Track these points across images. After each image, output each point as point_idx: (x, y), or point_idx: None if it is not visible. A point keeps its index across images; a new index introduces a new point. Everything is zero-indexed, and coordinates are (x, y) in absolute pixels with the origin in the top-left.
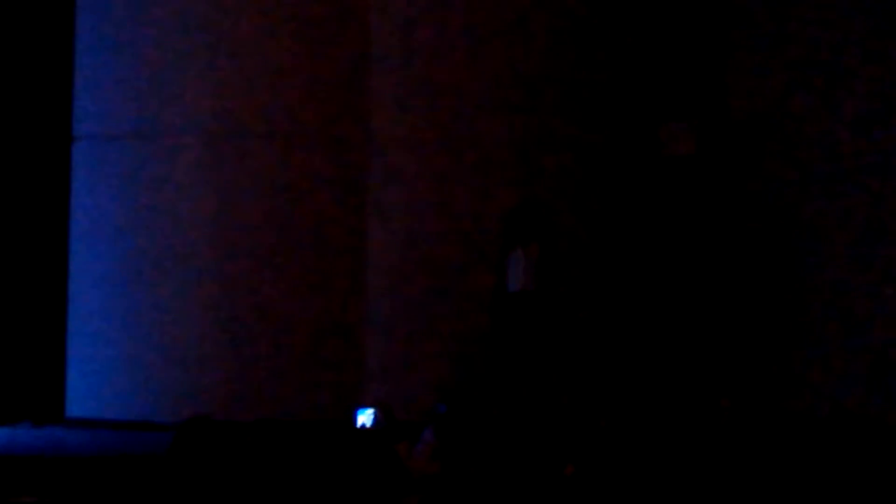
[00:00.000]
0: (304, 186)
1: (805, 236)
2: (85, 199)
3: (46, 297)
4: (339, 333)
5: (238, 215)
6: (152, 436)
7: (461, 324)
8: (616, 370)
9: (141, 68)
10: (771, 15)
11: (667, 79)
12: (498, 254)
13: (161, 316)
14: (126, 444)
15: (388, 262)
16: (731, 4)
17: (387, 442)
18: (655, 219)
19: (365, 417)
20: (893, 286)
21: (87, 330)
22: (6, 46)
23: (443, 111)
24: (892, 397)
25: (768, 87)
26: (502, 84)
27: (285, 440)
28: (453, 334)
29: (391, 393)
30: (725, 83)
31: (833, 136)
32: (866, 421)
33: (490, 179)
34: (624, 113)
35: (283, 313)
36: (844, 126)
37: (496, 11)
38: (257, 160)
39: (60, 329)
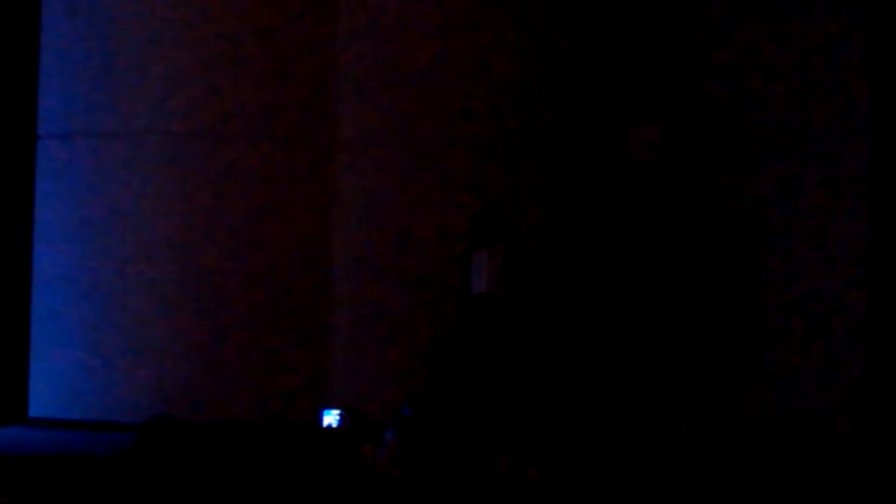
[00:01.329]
0: (269, 185)
1: (769, 242)
2: (49, 198)
3: (9, 296)
4: (305, 334)
5: (202, 215)
6: (116, 436)
7: (427, 325)
8: (580, 372)
9: (105, 67)
10: (741, 17)
11: (634, 81)
12: (462, 256)
13: (125, 316)
14: (89, 445)
15: (353, 263)
16: (700, 6)
17: (352, 443)
18: (621, 222)
19: (331, 418)
20: (856, 291)
21: (50, 330)
22: None
23: (409, 111)
24: (850, 402)
25: (737, 90)
26: (469, 85)
27: (249, 441)
28: (419, 336)
29: (357, 394)
30: (694, 86)
31: (800, 141)
32: (824, 426)
33: (456, 180)
34: (591, 115)
35: (248, 313)
36: (813, 132)
37: (463, 12)
38: (222, 159)
39: (23, 329)
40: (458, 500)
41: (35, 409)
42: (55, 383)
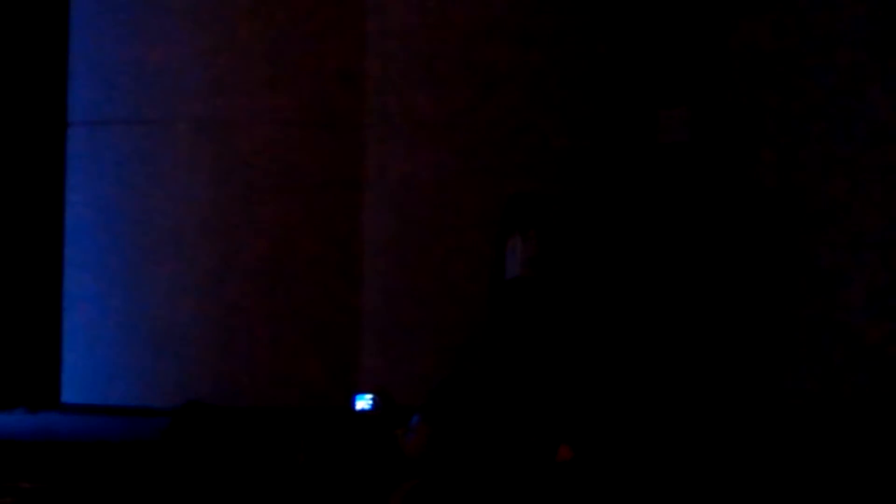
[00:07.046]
0: (300, 171)
1: (799, 223)
2: (79, 185)
3: (41, 283)
4: (336, 319)
5: (233, 201)
6: (148, 421)
7: (458, 309)
8: (612, 357)
9: (135, 53)
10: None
11: (664, 64)
12: (496, 240)
13: (157, 302)
14: (122, 430)
15: (385, 248)
16: None
17: (385, 427)
18: (652, 206)
19: (363, 403)
20: (889, 273)
21: (82, 316)
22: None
23: (441, 96)
24: (881, 385)
25: (768, 74)
26: (500, 71)
27: (282, 425)
28: (450, 320)
29: (390, 378)
30: (724, 69)
31: (831, 128)
32: (856, 407)
33: (488, 166)
34: (621, 99)
35: (280, 298)
36: (844, 117)
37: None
38: (252, 145)
39: (56, 315)
40: (490, 482)
41: (68, 395)
42: (88, 369)
